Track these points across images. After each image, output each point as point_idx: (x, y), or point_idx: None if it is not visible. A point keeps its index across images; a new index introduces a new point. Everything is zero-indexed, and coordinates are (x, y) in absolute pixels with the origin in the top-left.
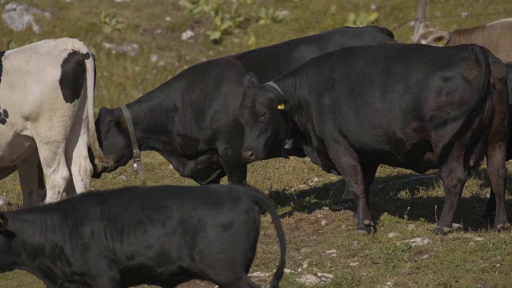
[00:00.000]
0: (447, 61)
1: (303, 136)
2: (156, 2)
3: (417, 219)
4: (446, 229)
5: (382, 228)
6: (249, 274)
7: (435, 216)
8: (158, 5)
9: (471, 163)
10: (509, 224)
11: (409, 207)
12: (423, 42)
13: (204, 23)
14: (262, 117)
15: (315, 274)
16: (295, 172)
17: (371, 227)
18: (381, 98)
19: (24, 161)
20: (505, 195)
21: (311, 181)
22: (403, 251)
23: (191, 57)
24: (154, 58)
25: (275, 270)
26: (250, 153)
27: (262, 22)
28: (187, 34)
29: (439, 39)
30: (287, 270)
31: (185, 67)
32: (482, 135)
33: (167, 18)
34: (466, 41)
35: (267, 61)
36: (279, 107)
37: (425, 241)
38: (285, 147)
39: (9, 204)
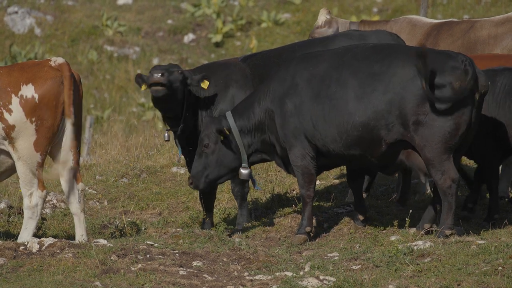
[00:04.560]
0: (438, 68)
1: (269, 152)
2: (158, 5)
3: (419, 222)
4: (448, 231)
5: (384, 231)
6: (251, 278)
7: (437, 219)
8: (160, 8)
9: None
10: (455, 231)
11: (411, 210)
12: (330, 31)
13: (206, 26)
14: (205, 148)
15: (317, 277)
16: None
17: (311, 234)
18: (356, 99)
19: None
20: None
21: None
22: (405, 254)
23: (193, 60)
24: (155, 61)
25: (277, 274)
26: (190, 181)
27: (264, 25)
28: (189, 37)
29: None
30: (289, 273)
31: None
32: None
33: (169, 21)
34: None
35: (271, 63)
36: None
37: (427, 244)
38: (240, 177)
39: (11, 207)
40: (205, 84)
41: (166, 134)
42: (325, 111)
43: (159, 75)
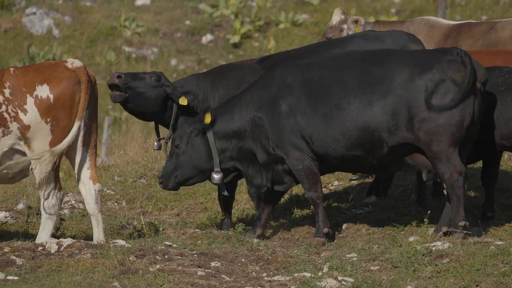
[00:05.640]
0: (435, 64)
1: (244, 161)
2: (176, 5)
3: (438, 223)
4: (462, 223)
5: (402, 232)
6: (269, 278)
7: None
8: (178, 9)
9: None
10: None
11: (429, 211)
12: (344, 26)
13: (224, 27)
14: (176, 149)
15: (336, 278)
16: None
17: (329, 234)
18: (357, 100)
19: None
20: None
21: (332, 185)
22: (423, 255)
23: (211, 60)
24: (174, 61)
25: (295, 274)
26: (160, 181)
27: (282, 25)
28: (207, 38)
29: (356, 21)
30: (307, 274)
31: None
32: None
33: (187, 22)
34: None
35: None
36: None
37: (446, 245)
38: (212, 182)
39: (30, 207)
40: (183, 101)
41: (156, 143)
42: (327, 111)
43: (115, 76)
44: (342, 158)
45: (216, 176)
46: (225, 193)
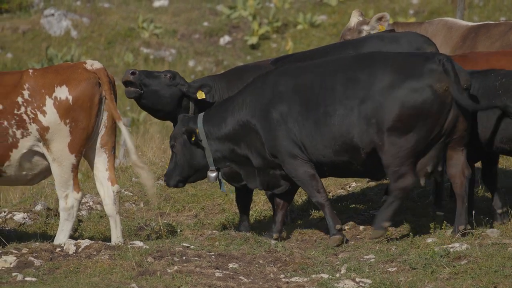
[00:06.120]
0: (416, 72)
1: (238, 163)
2: (193, 7)
3: (453, 227)
4: (386, 224)
5: (420, 233)
6: (287, 280)
7: (474, 222)
8: (196, 10)
9: (429, 169)
10: (470, 227)
11: (442, 213)
12: (365, 27)
13: (242, 28)
14: (173, 148)
15: (353, 280)
16: (333, 177)
17: (344, 230)
18: (341, 106)
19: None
20: (467, 197)
21: (349, 186)
22: (441, 256)
23: (229, 62)
24: (191, 63)
25: (313, 276)
26: (164, 179)
27: (300, 27)
28: (224, 39)
29: (380, 18)
30: (325, 276)
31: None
32: (442, 143)
33: (205, 23)
34: None
35: None
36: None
37: (464, 247)
38: (208, 181)
39: (48, 209)
40: (200, 95)
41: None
42: (316, 118)
43: (129, 73)
44: (332, 164)
45: (212, 175)
46: (223, 189)
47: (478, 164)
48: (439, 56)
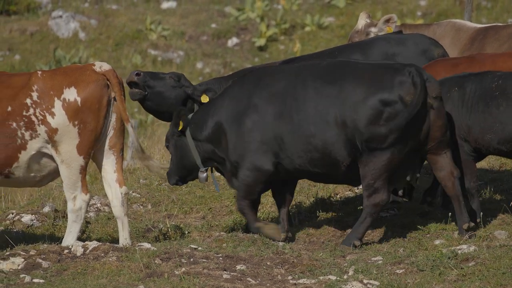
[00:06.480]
0: (386, 85)
1: (221, 164)
2: (201, 9)
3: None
4: (356, 242)
5: (428, 235)
6: (294, 281)
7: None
8: (204, 12)
9: (408, 178)
10: (473, 223)
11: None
12: (373, 29)
13: (250, 30)
14: (168, 149)
15: (361, 281)
16: None
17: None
18: (314, 120)
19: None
20: (462, 196)
21: (357, 188)
22: (449, 258)
23: (237, 64)
24: (199, 65)
25: (321, 277)
26: (167, 177)
27: (307, 28)
28: (232, 41)
29: (387, 20)
30: (332, 277)
31: None
32: (420, 152)
33: (213, 25)
34: None
35: None
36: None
37: (471, 248)
38: (200, 181)
39: (56, 210)
40: (204, 99)
41: None
42: (290, 128)
43: (134, 74)
44: (309, 173)
45: (202, 176)
46: (217, 189)
47: (485, 165)
48: (409, 68)
